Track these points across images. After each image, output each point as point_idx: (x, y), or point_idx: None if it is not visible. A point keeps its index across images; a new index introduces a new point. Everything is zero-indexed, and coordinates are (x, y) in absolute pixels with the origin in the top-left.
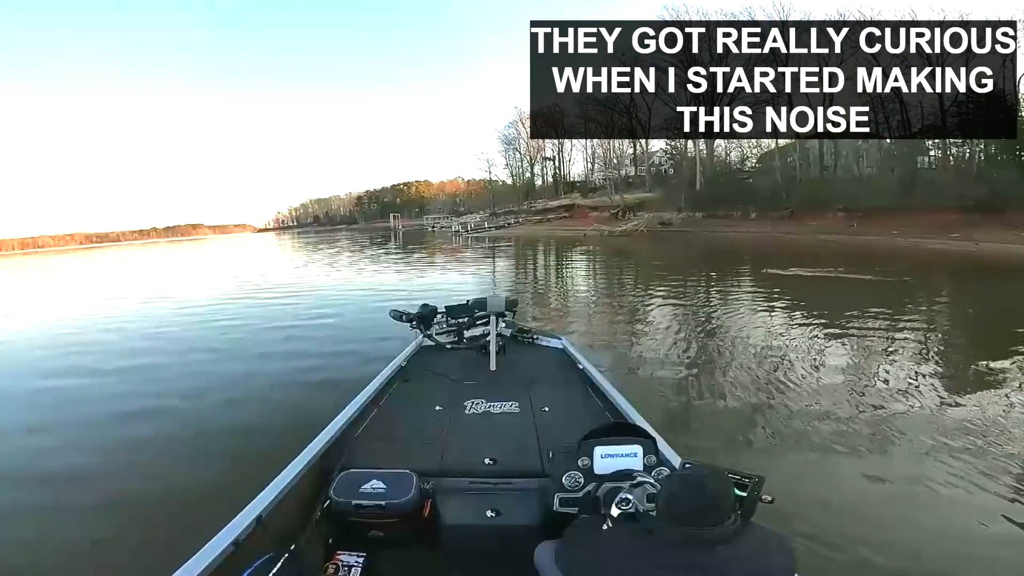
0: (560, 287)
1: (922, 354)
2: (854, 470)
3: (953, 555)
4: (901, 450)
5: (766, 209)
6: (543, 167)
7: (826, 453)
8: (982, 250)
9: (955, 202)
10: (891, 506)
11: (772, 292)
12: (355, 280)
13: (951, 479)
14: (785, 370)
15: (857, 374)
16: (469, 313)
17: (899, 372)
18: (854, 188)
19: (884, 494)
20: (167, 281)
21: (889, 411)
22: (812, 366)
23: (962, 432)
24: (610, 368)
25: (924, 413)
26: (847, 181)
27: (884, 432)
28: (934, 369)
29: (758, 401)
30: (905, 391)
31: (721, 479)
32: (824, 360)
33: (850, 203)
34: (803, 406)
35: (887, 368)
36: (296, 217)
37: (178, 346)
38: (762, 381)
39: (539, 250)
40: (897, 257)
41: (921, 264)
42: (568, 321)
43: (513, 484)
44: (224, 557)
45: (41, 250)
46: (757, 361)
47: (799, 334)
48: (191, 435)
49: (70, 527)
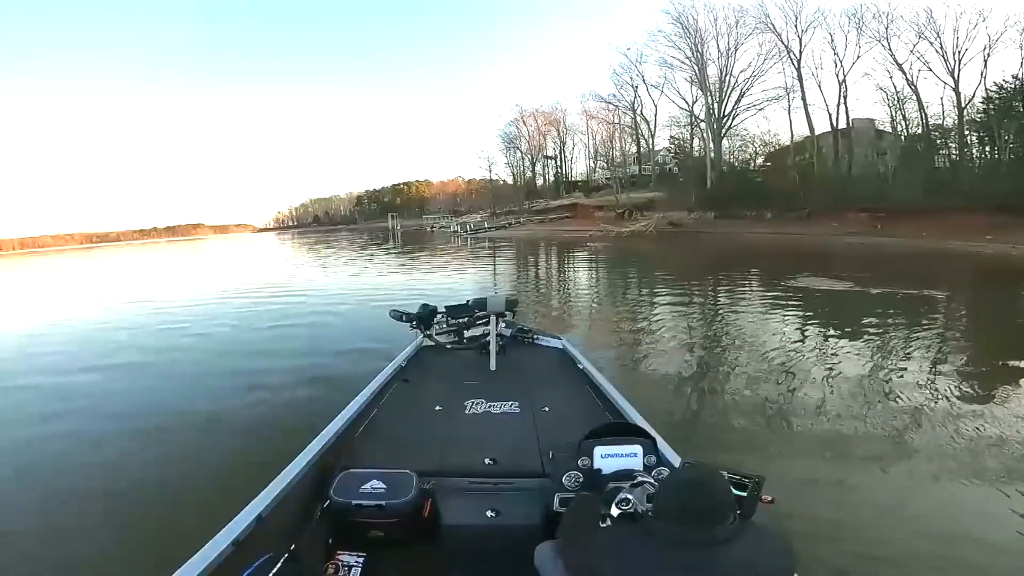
0: (565, 297)
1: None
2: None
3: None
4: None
5: (782, 209)
6: (544, 166)
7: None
8: (1022, 253)
9: (982, 202)
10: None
11: (802, 322)
12: (348, 281)
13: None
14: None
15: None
16: (469, 313)
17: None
18: (877, 187)
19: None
20: (158, 283)
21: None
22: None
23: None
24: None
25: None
26: (868, 180)
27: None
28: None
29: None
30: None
31: (721, 479)
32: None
33: (872, 203)
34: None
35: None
36: (296, 217)
37: (163, 345)
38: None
39: (541, 253)
40: (933, 263)
41: (965, 271)
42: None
43: (513, 484)
44: (224, 557)
45: (41, 250)
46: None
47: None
48: (182, 434)
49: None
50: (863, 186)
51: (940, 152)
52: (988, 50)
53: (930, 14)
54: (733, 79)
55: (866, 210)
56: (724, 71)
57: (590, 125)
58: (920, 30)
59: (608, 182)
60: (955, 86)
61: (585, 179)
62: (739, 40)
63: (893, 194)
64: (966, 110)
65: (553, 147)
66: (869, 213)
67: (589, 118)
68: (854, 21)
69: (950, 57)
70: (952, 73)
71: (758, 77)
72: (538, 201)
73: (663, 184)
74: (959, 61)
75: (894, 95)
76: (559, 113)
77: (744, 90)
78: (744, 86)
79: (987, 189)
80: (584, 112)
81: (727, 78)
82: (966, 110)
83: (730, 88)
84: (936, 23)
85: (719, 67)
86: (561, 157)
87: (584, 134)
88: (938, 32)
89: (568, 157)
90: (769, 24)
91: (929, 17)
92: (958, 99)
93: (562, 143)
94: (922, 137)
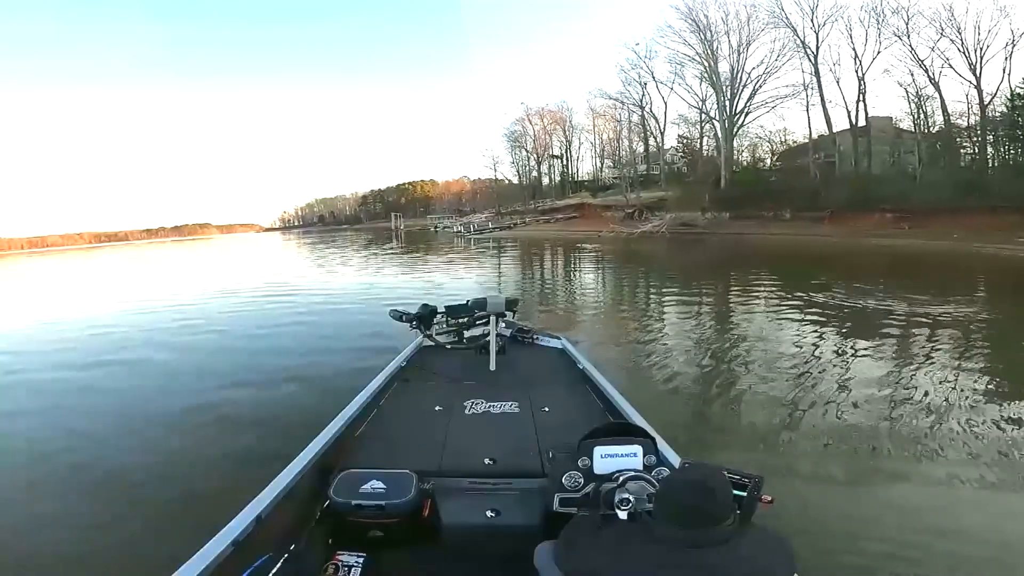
0: (582, 320)
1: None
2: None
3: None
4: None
5: (800, 209)
6: (550, 165)
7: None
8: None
9: (1012, 201)
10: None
11: (851, 353)
12: (342, 281)
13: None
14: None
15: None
16: (469, 313)
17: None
18: (903, 187)
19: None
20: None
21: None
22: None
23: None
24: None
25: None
26: (892, 179)
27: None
28: None
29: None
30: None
31: (721, 479)
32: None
33: (896, 203)
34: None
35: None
36: (302, 216)
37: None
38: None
39: (546, 256)
40: (975, 266)
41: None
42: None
43: (513, 484)
44: (224, 557)
45: (48, 249)
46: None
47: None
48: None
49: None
50: (887, 185)
51: (965, 151)
52: (1011, 46)
53: (951, 11)
54: (746, 75)
55: (891, 210)
56: (736, 68)
57: (597, 124)
58: (941, 26)
59: (615, 181)
60: (977, 84)
61: (592, 178)
62: (751, 36)
63: (919, 194)
64: (989, 108)
65: (559, 146)
66: (894, 214)
67: (596, 117)
68: (873, 16)
69: (972, 54)
70: (974, 70)
71: (771, 74)
72: (544, 201)
73: (673, 183)
74: (981, 58)
75: (915, 93)
76: (565, 112)
77: (757, 86)
78: (757, 83)
79: (1018, 188)
80: (591, 110)
81: (739, 74)
82: (989, 108)
83: (742, 85)
84: (956, 19)
85: (731, 64)
86: (567, 156)
87: (591, 133)
88: (959, 28)
89: (574, 156)
90: (784, 19)
91: (950, 13)
92: (980, 97)
93: (568, 142)
94: (943, 135)
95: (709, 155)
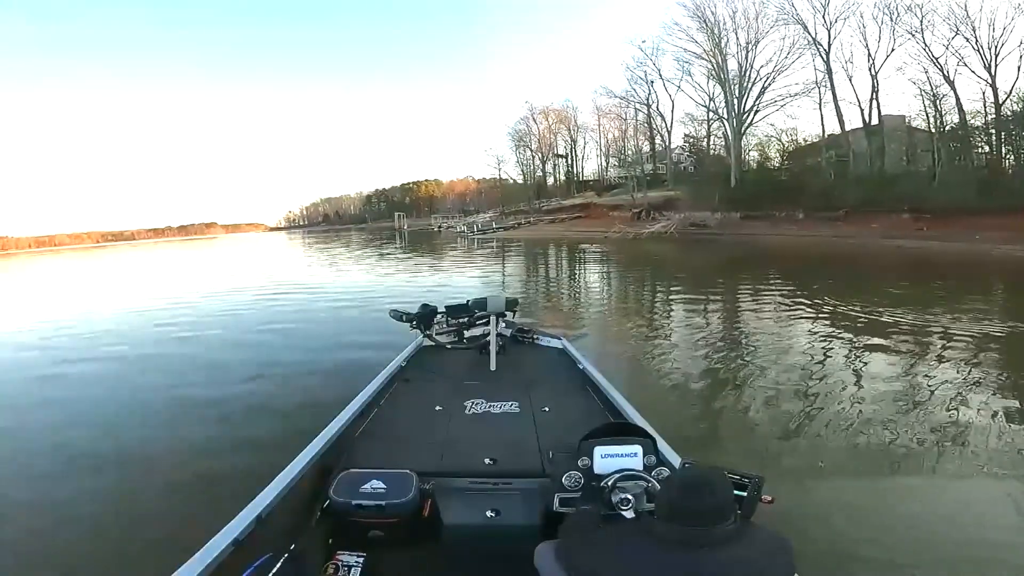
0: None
1: None
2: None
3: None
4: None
5: (813, 209)
6: (555, 165)
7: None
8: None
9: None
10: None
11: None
12: (342, 280)
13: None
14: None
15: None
16: (469, 313)
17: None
18: (919, 186)
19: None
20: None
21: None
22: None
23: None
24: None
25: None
26: (909, 178)
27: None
28: None
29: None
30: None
31: (721, 479)
32: None
33: (913, 203)
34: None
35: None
36: (307, 216)
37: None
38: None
39: (551, 257)
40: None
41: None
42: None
43: (513, 484)
44: (224, 557)
45: (56, 248)
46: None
47: None
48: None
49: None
50: (903, 185)
51: (979, 150)
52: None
53: (965, 8)
54: (755, 73)
55: (912, 210)
56: (745, 65)
57: (602, 123)
58: (956, 23)
59: (621, 180)
60: (992, 82)
61: (597, 178)
62: (760, 33)
63: (936, 194)
64: (1004, 106)
65: (564, 145)
66: (912, 214)
67: (601, 116)
68: (887, 14)
69: (987, 52)
70: (988, 68)
71: (781, 71)
72: (549, 200)
73: (681, 183)
74: (995, 56)
75: (930, 91)
76: (570, 111)
77: (766, 84)
78: (766, 80)
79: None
80: (596, 109)
81: (748, 72)
82: (1004, 106)
83: (751, 83)
84: (971, 17)
85: (739, 61)
86: (572, 155)
87: (596, 132)
88: (973, 26)
89: (579, 155)
90: (794, 15)
91: (964, 11)
92: (995, 95)
93: (573, 141)
94: (958, 135)
95: (717, 154)
